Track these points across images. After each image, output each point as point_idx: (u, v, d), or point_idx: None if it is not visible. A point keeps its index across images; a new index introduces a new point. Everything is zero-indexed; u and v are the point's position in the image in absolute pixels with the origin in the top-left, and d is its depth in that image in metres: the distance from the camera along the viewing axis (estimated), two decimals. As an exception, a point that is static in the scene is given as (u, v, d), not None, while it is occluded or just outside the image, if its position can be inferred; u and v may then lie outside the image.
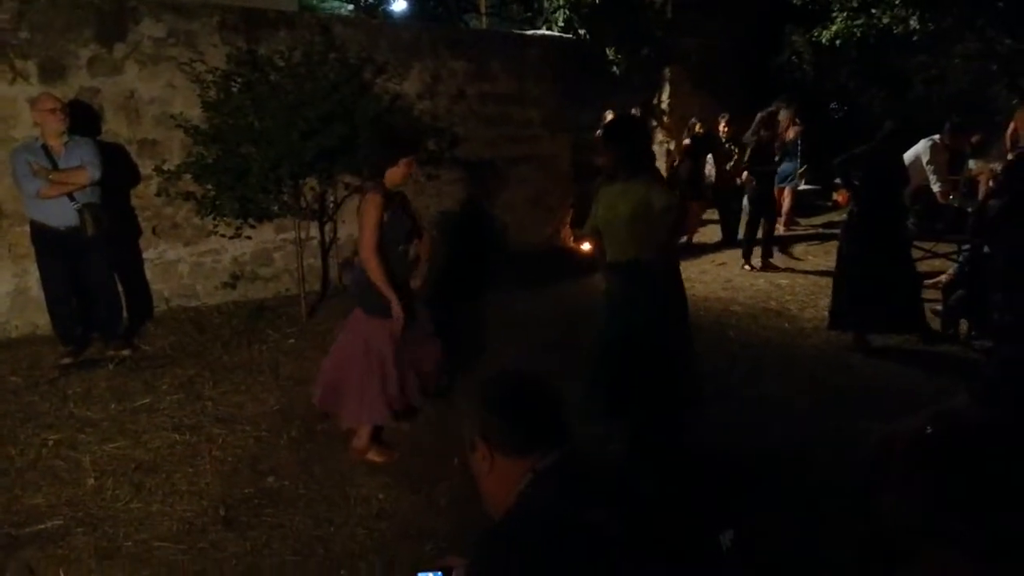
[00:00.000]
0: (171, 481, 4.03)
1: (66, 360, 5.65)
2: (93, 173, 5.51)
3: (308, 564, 3.35)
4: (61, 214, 5.47)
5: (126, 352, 5.86)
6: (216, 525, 3.64)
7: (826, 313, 6.48)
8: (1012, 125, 10.17)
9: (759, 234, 9.00)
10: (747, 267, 8.90)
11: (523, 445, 1.66)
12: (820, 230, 11.12)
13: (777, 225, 10.64)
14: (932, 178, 7.49)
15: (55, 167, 5.43)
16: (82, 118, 6.07)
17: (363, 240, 4.08)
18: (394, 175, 4.21)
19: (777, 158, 8.97)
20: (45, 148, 5.44)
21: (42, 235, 5.54)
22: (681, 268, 7.99)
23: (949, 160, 8.10)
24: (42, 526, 3.59)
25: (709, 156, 10.32)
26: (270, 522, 3.66)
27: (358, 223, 4.16)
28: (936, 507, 3.02)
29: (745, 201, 9.15)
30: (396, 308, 4.07)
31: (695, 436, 4.45)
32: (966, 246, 6.42)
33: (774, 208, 9.35)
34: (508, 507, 1.59)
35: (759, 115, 8.91)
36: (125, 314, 6.35)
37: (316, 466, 4.20)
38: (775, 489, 3.82)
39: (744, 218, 9.26)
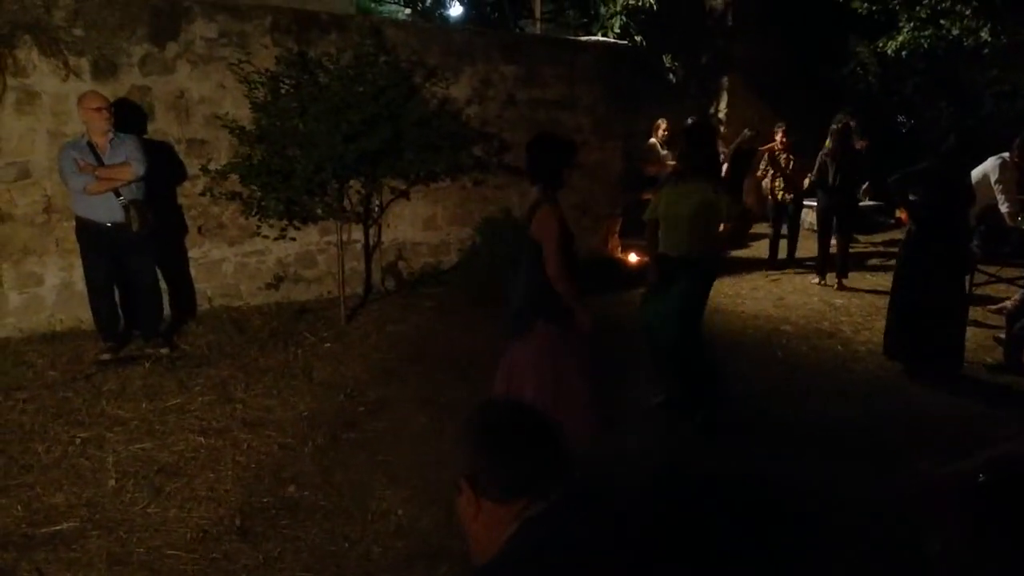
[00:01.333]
0: (191, 486, 3.99)
1: (105, 356, 5.69)
2: (138, 169, 5.55)
3: (319, 581, 3.27)
4: (107, 210, 5.52)
5: (165, 351, 5.88)
6: (231, 534, 3.57)
7: (882, 336, 6.20)
8: None
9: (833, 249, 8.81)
10: (820, 282, 8.72)
11: (510, 490, 1.50)
12: (881, 248, 10.73)
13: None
14: (1000, 198, 7.12)
15: (100, 163, 5.48)
16: (129, 116, 6.13)
17: (550, 258, 3.79)
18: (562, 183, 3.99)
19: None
20: (91, 145, 5.50)
21: (87, 230, 5.60)
22: (732, 283, 7.85)
23: (1019, 179, 7.71)
24: (58, 527, 3.57)
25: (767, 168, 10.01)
26: (286, 534, 3.58)
27: (538, 236, 3.86)
28: (986, 557, 2.79)
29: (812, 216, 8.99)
30: (584, 316, 3.94)
31: (727, 463, 4.28)
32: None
33: (848, 224, 9.06)
34: (492, 557, 1.46)
35: (832, 127, 8.73)
36: (167, 312, 6.39)
37: (338, 475, 4.12)
38: (811, 528, 3.62)
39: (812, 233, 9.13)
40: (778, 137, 9.53)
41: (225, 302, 7.09)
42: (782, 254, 9.71)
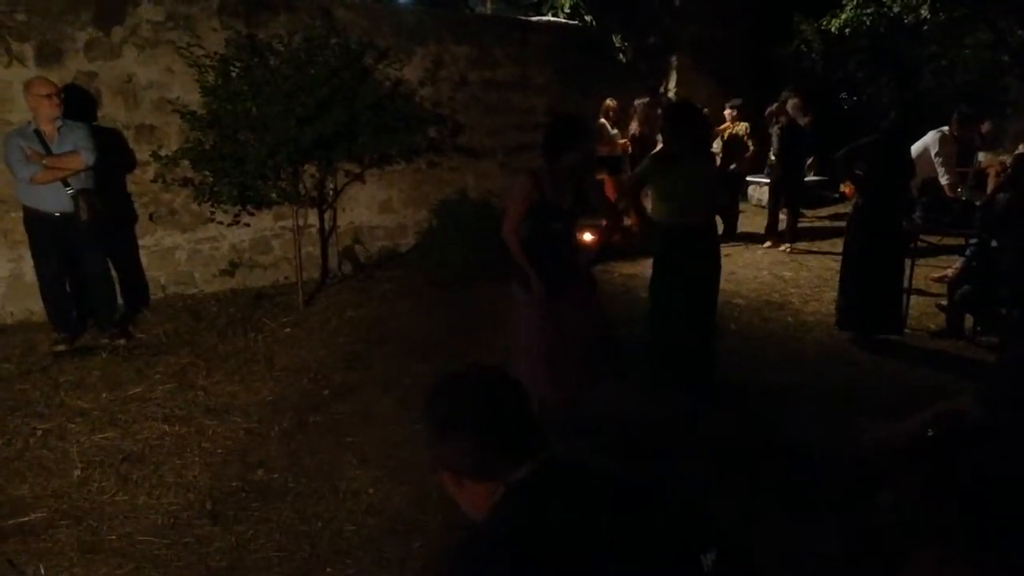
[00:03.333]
0: (158, 473, 3.98)
1: (60, 347, 5.60)
2: (87, 158, 5.44)
3: (293, 560, 3.29)
4: (55, 200, 5.41)
5: (121, 341, 5.80)
6: (202, 519, 3.58)
7: (831, 308, 6.40)
8: None
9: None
10: (770, 246, 9.26)
11: (491, 467, 1.46)
12: (827, 222, 10.99)
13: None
14: (940, 170, 7.37)
15: (48, 152, 5.36)
16: (76, 103, 6.00)
17: (504, 218, 4.21)
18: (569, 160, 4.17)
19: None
20: (38, 133, 5.37)
21: (36, 221, 5.49)
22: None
23: (958, 152, 7.98)
24: (26, 518, 3.54)
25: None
26: (257, 516, 3.60)
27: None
28: (935, 507, 2.95)
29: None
30: (534, 284, 4.13)
31: (692, 429, 4.42)
32: (973, 240, 6.30)
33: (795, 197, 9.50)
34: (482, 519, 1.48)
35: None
36: (120, 301, 6.30)
37: (306, 458, 4.14)
38: (772, 484, 3.76)
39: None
40: (728, 114, 9.69)
41: (179, 290, 7.00)
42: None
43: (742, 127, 9.63)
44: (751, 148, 9.58)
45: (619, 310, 6.79)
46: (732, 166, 9.52)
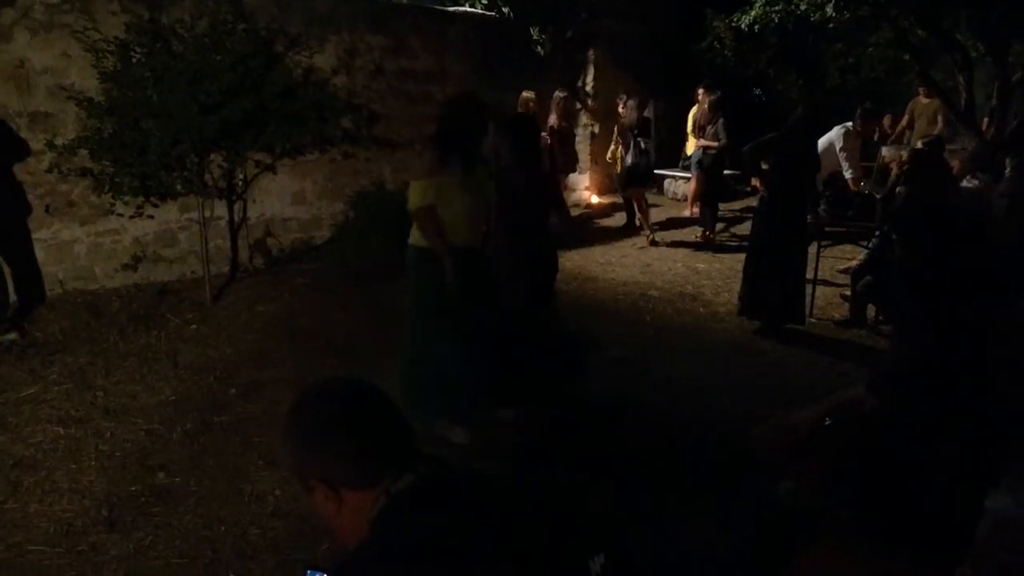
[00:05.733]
0: (51, 479, 3.79)
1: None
2: None
3: (195, 566, 3.18)
4: None
5: (12, 336, 5.52)
6: (98, 526, 3.42)
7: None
8: (907, 115, 10.55)
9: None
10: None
11: (370, 474, 1.38)
12: (738, 214, 11.25)
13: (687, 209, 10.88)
14: (844, 164, 7.60)
15: None
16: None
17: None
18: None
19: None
20: None
21: None
22: (603, 251, 8.10)
23: (862, 147, 8.25)
24: (-98, 530, 3.33)
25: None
26: (157, 522, 3.46)
27: None
28: (831, 495, 3.02)
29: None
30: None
31: (599, 418, 4.45)
32: (876, 232, 6.52)
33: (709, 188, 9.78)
34: (362, 537, 1.41)
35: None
36: (13, 297, 5.97)
37: (210, 460, 4.01)
38: (674, 477, 3.82)
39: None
40: (619, 107, 9.83)
41: (79, 285, 6.69)
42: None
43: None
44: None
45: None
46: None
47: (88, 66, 6.20)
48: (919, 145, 6.73)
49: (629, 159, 9.46)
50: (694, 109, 10.37)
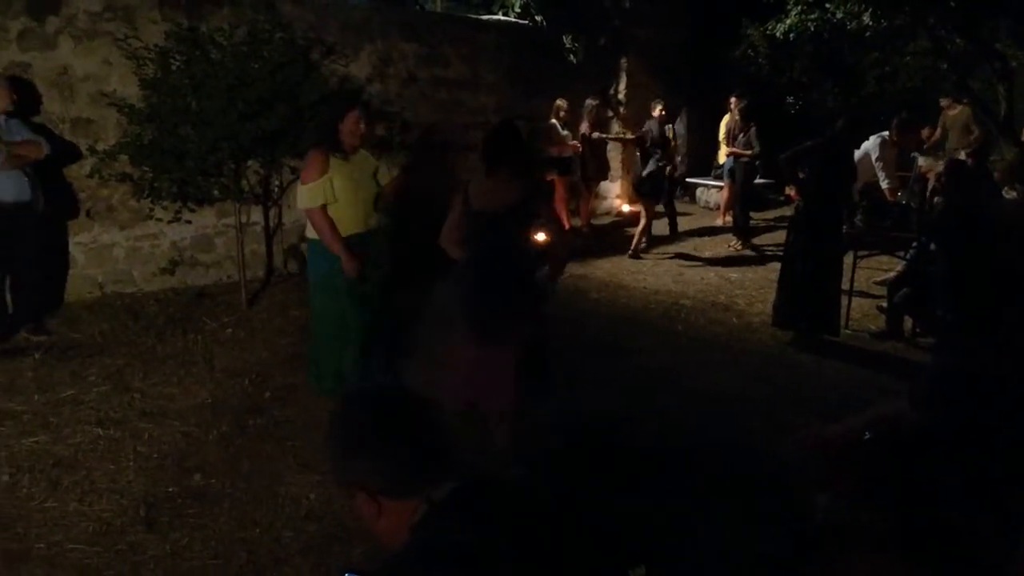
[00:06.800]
0: (91, 479, 3.84)
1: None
2: (47, 148, 5.49)
3: (230, 568, 3.21)
4: (16, 188, 5.36)
5: (43, 338, 5.65)
6: (136, 526, 3.47)
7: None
8: (939, 128, 10.40)
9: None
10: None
11: (409, 484, 1.39)
12: (771, 224, 11.16)
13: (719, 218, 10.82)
14: (881, 175, 7.51)
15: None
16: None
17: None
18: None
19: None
20: None
21: None
22: (633, 260, 8.04)
23: (898, 157, 8.15)
24: (-51, 526, 3.40)
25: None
26: (193, 523, 3.51)
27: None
28: (869, 509, 2.98)
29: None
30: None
31: (636, 430, 4.43)
32: (913, 243, 6.44)
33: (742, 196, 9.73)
34: (402, 542, 1.39)
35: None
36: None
37: (245, 463, 4.05)
38: (711, 486, 3.79)
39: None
40: (656, 112, 9.76)
41: (118, 288, 6.81)
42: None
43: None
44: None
45: (570, 311, 6.81)
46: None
47: (129, 73, 6.32)
48: (962, 155, 6.65)
49: (644, 169, 9.44)
50: (726, 117, 10.33)
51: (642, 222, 9.30)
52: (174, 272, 7.05)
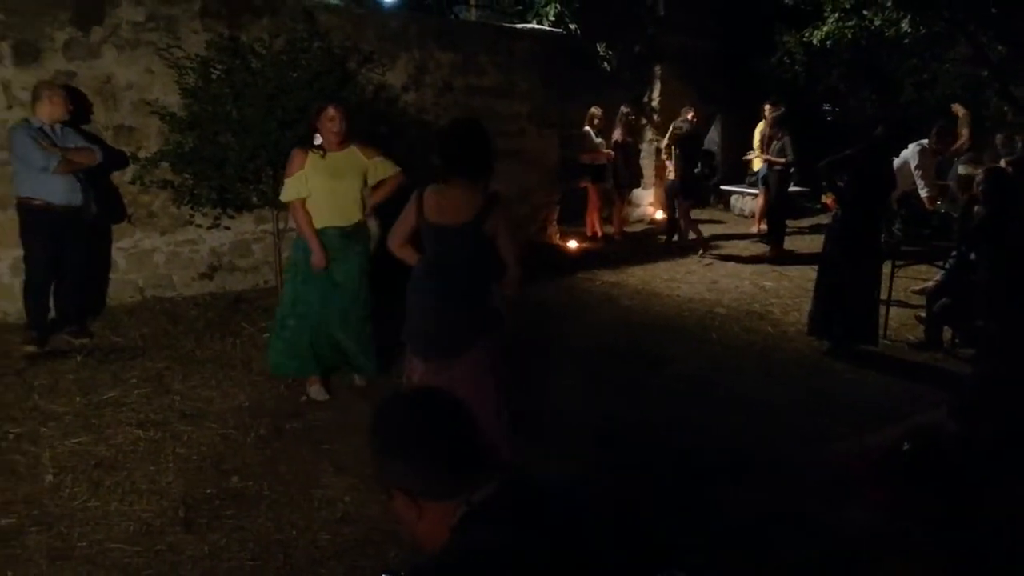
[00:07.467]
0: (131, 479, 3.92)
1: (31, 348, 5.52)
2: (100, 155, 5.70)
3: (267, 570, 3.25)
4: (70, 192, 5.52)
5: (84, 340, 5.77)
6: (175, 526, 3.53)
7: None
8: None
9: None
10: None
11: (448, 486, 1.41)
12: (806, 231, 11.06)
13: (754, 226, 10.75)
14: (920, 183, 7.43)
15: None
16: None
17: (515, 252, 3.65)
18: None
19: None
20: (43, 130, 5.45)
21: (39, 214, 5.45)
22: (668, 267, 7.98)
23: (937, 165, 8.05)
24: (-5, 524, 3.49)
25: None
26: (231, 524, 3.56)
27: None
28: (908, 518, 2.95)
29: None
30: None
31: (670, 437, 4.42)
32: (953, 252, 6.35)
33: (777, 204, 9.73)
34: (442, 544, 1.40)
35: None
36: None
37: (282, 465, 4.10)
38: (746, 495, 3.76)
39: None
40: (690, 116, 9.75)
41: (157, 293, 6.93)
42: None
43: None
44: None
45: (603, 319, 6.82)
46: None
47: (171, 82, 6.44)
48: (1002, 163, 6.55)
49: (677, 172, 9.49)
50: (760, 124, 10.27)
51: (684, 221, 9.53)
52: (213, 277, 7.16)
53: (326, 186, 4.71)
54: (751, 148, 10.71)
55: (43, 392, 4.93)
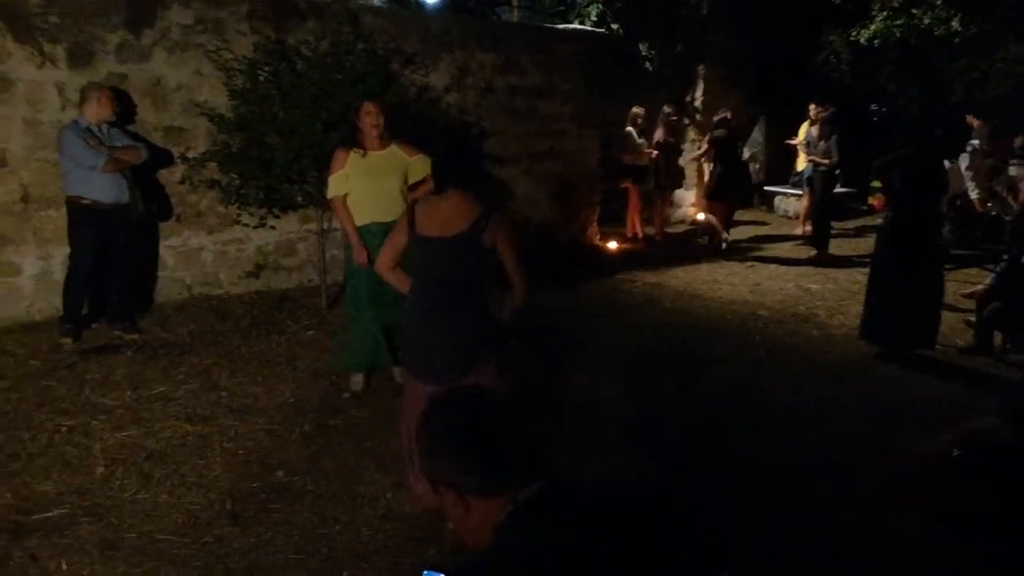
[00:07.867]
0: (180, 472, 4.00)
1: (66, 340, 5.68)
2: (145, 153, 5.83)
3: (311, 563, 3.31)
4: (116, 190, 5.66)
5: (135, 336, 5.90)
6: (222, 519, 3.60)
7: (857, 321, 6.30)
8: None
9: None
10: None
11: (497, 484, 1.43)
12: (852, 233, 10.89)
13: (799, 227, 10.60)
14: (970, 184, 7.28)
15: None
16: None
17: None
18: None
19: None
20: (90, 130, 5.61)
21: (86, 212, 5.61)
22: (709, 269, 7.92)
23: (989, 166, 7.87)
24: (49, 514, 3.58)
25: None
26: (276, 518, 3.62)
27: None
28: (962, 527, 2.90)
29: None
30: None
31: (714, 440, 4.39)
32: (1004, 256, 6.20)
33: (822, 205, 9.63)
34: (488, 542, 1.42)
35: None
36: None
37: (326, 461, 4.16)
38: (793, 499, 3.72)
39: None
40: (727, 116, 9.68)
41: (205, 291, 7.06)
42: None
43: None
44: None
45: (645, 320, 6.78)
46: None
47: (219, 84, 6.58)
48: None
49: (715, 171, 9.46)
50: (805, 124, 10.14)
51: (717, 222, 9.64)
52: (259, 275, 7.28)
53: (366, 184, 4.84)
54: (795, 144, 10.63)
55: (94, 386, 5.05)
